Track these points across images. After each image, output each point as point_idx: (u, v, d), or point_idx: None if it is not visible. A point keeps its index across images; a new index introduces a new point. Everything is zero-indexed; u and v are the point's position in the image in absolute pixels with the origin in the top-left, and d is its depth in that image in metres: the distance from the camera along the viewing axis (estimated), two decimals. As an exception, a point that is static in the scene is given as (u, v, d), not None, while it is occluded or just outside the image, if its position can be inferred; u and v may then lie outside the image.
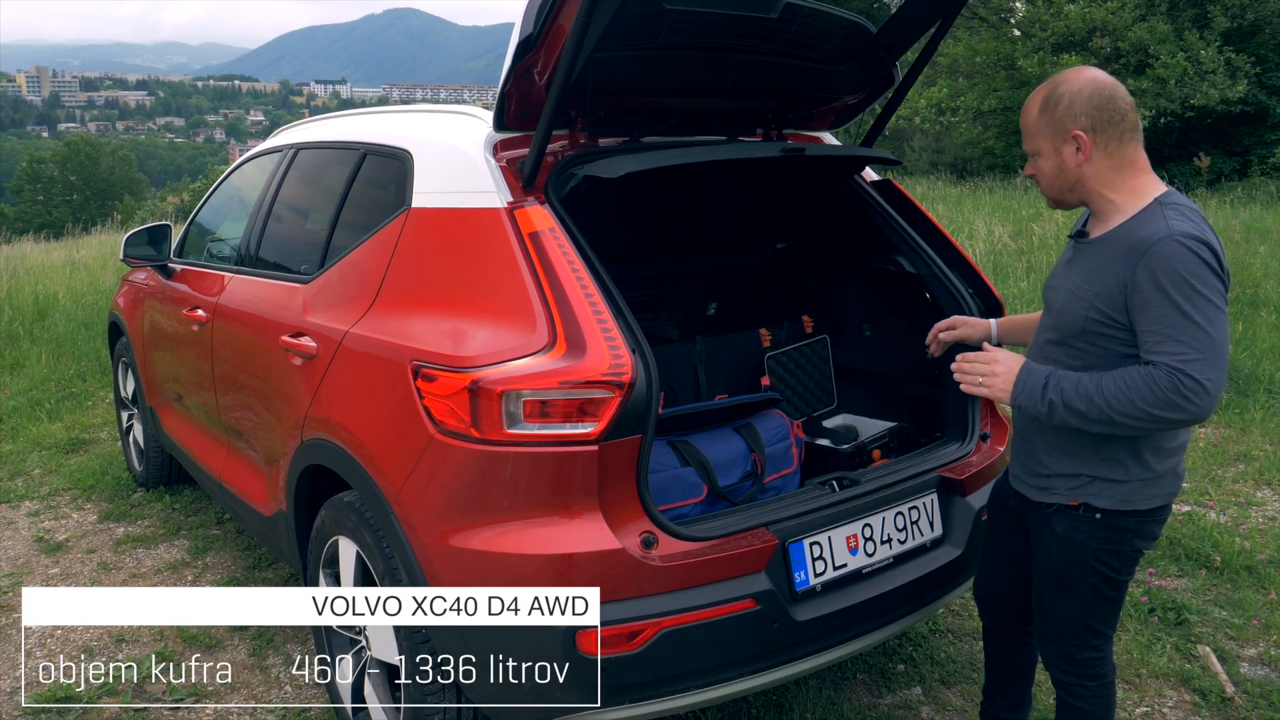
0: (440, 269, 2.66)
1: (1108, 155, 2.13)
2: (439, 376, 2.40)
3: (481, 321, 2.44)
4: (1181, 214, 2.07)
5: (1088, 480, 2.25)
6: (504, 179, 2.60)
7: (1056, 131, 2.15)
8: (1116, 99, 2.11)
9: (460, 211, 2.65)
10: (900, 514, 2.81)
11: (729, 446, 2.82)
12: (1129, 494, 2.23)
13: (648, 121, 2.98)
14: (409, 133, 3.09)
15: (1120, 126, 2.12)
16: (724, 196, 3.32)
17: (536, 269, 2.40)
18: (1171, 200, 2.11)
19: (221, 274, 4.00)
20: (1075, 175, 2.17)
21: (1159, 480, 2.24)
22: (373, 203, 3.11)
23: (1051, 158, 2.19)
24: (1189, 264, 1.99)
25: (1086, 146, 2.13)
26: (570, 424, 2.28)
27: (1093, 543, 2.27)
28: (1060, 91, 2.14)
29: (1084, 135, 2.12)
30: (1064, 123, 2.13)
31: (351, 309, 2.88)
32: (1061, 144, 2.15)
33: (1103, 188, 2.15)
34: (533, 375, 2.27)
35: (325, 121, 3.89)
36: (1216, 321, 1.98)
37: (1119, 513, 2.24)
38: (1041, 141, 2.19)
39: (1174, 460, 2.27)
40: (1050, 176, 2.22)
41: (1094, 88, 2.12)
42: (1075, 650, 2.40)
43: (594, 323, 2.32)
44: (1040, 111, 2.18)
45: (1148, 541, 2.32)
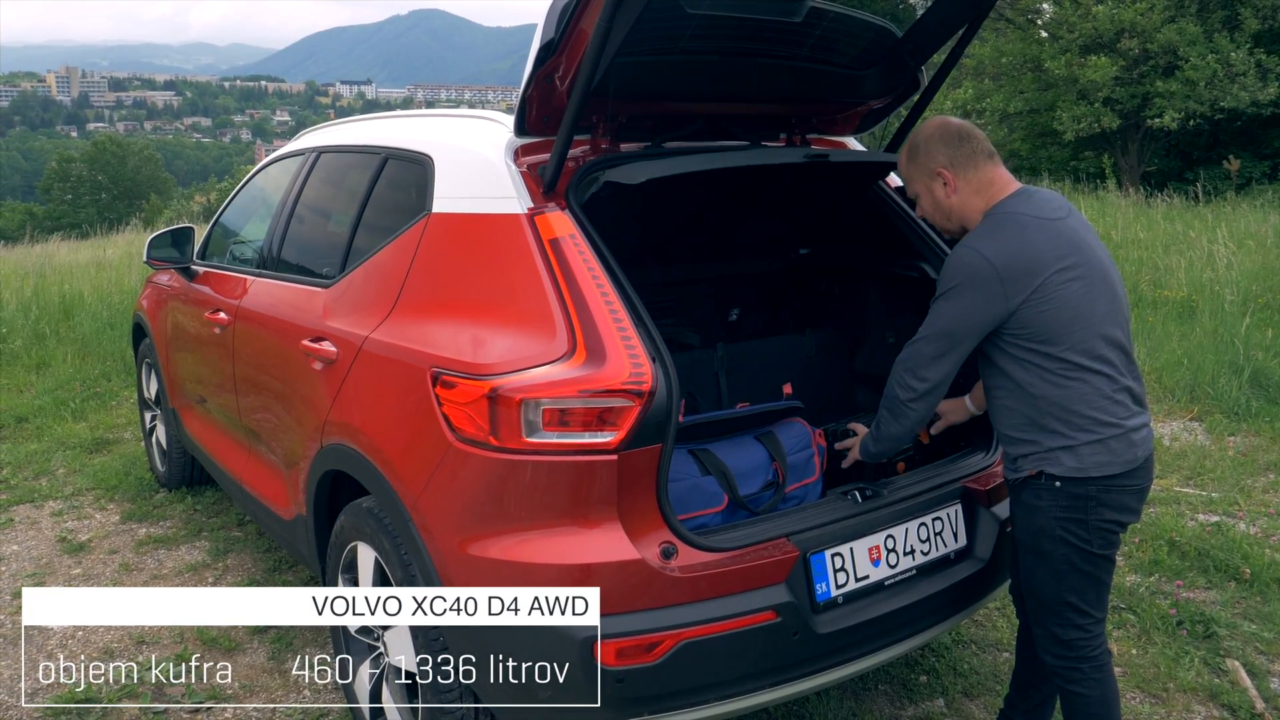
0: (460, 275, 2.65)
1: (969, 182, 2.51)
2: (458, 384, 2.38)
3: (501, 328, 2.43)
4: (985, 225, 2.45)
5: (1044, 450, 2.42)
6: (525, 184, 2.59)
7: (924, 172, 2.55)
8: (964, 133, 2.51)
9: (481, 217, 2.64)
10: (923, 525, 2.77)
11: (750, 455, 2.79)
12: (1080, 459, 2.38)
13: (669, 126, 2.95)
14: (430, 137, 3.08)
15: (975, 156, 2.50)
16: (746, 202, 3.29)
17: (556, 275, 2.38)
18: (992, 213, 2.47)
19: (244, 277, 4.01)
20: (948, 206, 2.54)
21: (1106, 444, 2.37)
22: (394, 207, 3.10)
23: (927, 196, 2.58)
24: (956, 270, 2.40)
25: (951, 180, 2.51)
26: (589, 433, 2.26)
27: (1055, 510, 2.42)
28: (917, 140, 2.55)
29: (946, 171, 2.51)
30: (928, 164, 2.53)
31: (372, 314, 2.88)
32: (931, 183, 2.55)
33: (972, 212, 2.50)
34: (552, 383, 2.25)
35: (347, 125, 3.89)
36: (956, 319, 2.38)
37: (1076, 479, 2.39)
38: (916, 185, 2.60)
39: (1115, 422, 2.38)
40: (931, 212, 2.61)
41: (942, 129, 2.53)
42: (1060, 629, 2.51)
43: (614, 330, 2.30)
44: (908, 161, 2.59)
45: (1120, 513, 2.42)
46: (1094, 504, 2.39)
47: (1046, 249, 2.38)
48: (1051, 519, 2.43)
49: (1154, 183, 22.10)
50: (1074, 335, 2.36)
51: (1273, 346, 7.27)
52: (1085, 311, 2.38)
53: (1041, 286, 2.35)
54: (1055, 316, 2.36)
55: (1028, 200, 2.47)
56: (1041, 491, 2.44)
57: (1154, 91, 22.16)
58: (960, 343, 2.42)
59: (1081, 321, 2.37)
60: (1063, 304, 2.36)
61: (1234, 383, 6.57)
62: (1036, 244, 2.38)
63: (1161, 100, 21.89)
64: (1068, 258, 2.39)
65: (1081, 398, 2.38)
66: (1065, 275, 2.37)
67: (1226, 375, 6.68)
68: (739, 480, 2.72)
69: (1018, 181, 2.56)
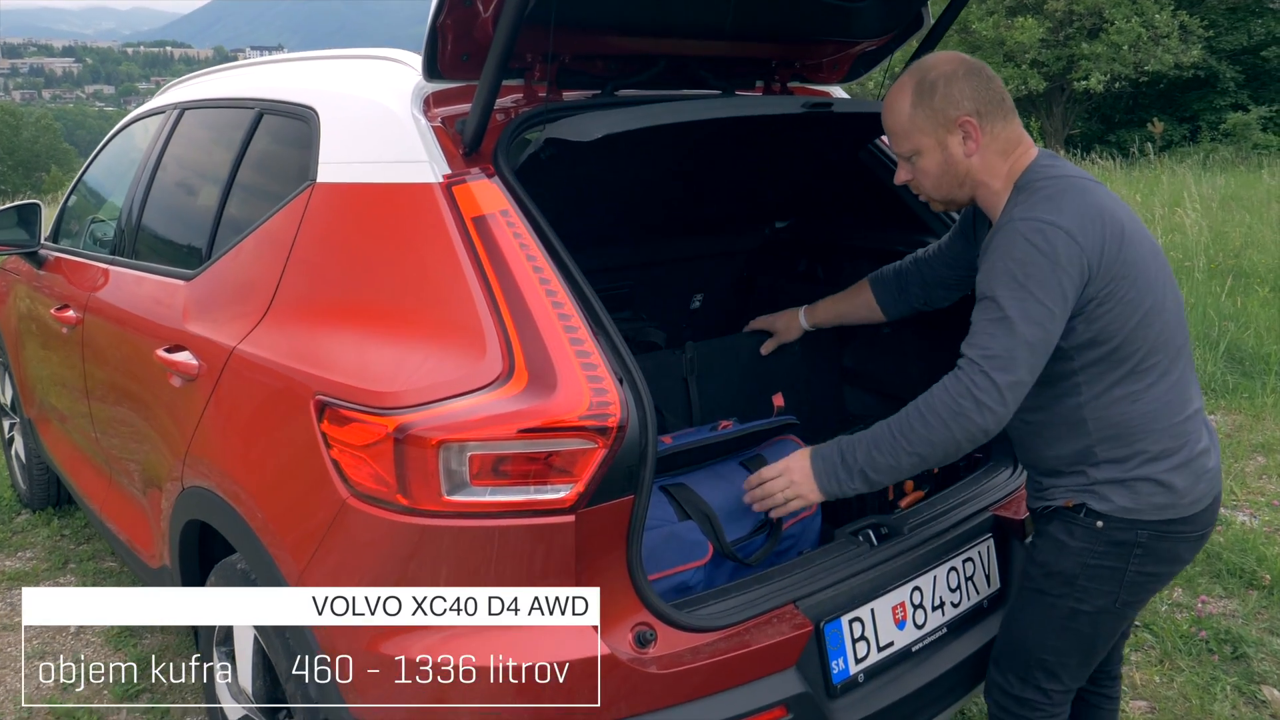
0: (353, 266, 1.99)
1: (996, 138, 1.92)
2: (352, 419, 1.74)
3: (410, 342, 1.78)
4: (1039, 193, 1.85)
5: (1090, 483, 1.90)
6: (438, 143, 1.94)
7: (939, 122, 1.91)
8: (992, 77, 1.93)
9: (380, 188, 1.99)
10: (953, 569, 2.22)
11: (735, 488, 2.20)
12: (1136, 497, 1.86)
13: (625, 69, 2.32)
14: (315, 85, 2.40)
15: (1004, 105, 1.93)
16: (717, 166, 2.68)
17: (484, 267, 1.75)
18: (1032, 178, 1.89)
19: (95, 265, 3.26)
20: (965, 168, 1.93)
21: (1171, 478, 1.86)
22: (269, 176, 2.43)
23: (936, 153, 1.94)
24: (1025, 248, 1.77)
25: (976, 133, 1.90)
26: (535, 487, 1.64)
27: (1089, 555, 1.91)
28: (933, 77, 1.91)
29: (972, 121, 1.90)
30: (947, 110, 1.90)
31: (241, 317, 2.20)
32: (946, 135, 1.92)
33: (990, 177, 1.94)
34: (482, 420, 1.63)
35: (217, 74, 3.16)
36: (1033, 318, 1.75)
37: (1125, 521, 1.88)
38: (921, 138, 1.94)
39: (1185, 449, 1.88)
40: (937, 175, 1.97)
41: (969, 67, 1.92)
42: (1017, 684, 2.04)
43: (565, 343, 1.67)
44: (915, 104, 1.92)
45: (1167, 565, 1.95)
46: (1139, 553, 1.90)
47: (1120, 223, 1.84)
48: (1079, 563, 1.92)
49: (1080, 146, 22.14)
50: (1148, 335, 1.84)
51: (1238, 316, 6.93)
52: (1157, 303, 1.86)
53: (1120, 273, 1.81)
54: (1131, 310, 1.83)
55: (1058, 161, 1.95)
56: (1076, 529, 1.92)
57: (1080, 54, 22.17)
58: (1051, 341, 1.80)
59: (1155, 317, 1.85)
60: (1137, 294, 1.83)
61: (1209, 358, 6.19)
62: (1109, 215, 1.83)
63: (1087, 63, 21.91)
64: (1134, 234, 1.87)
65: (1148, 417, 1.86)
66: (1134, 257, 1.84)
67: (1201, 350, 6.29)
68: (724, 522, 2.13)
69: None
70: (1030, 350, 1.75)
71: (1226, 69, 23.44)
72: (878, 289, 2.49)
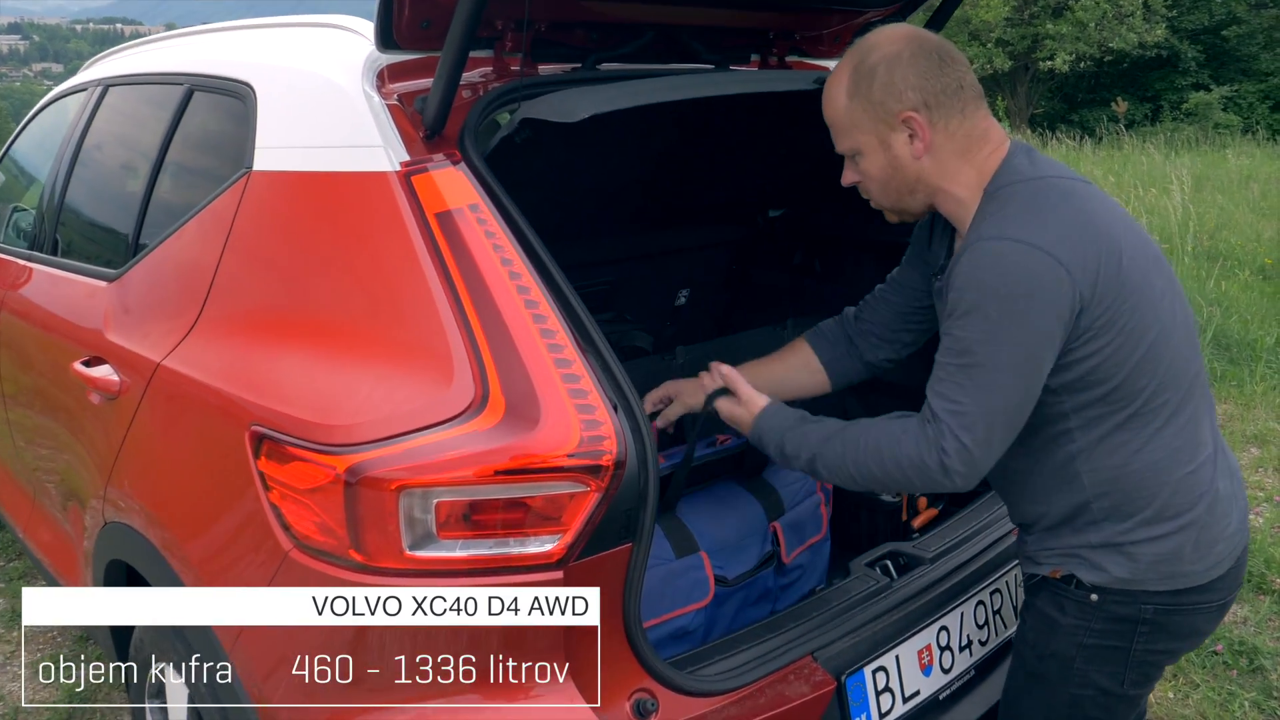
0: (294, 271, 1.70)
1: (953, 136, 1.52)
2: (295, 456, 1.45)
3: (363, 364, 1.50)
4: (1013, 202, 1.47)
5: (1080, 547, 1.55)
6: (394, 125, 1.66)
7: (878, 117, 1.53)
8: (951, 59, 1.52)
9: (325, 177, 1.70)
10: (981, 603, 1.99)
11: (740, 516, 1.95)
12: (1136, 566, 1.51)
13: (607, 40, 2.03)
14: (252, 57, 2.10)
15: (962, 94, 1.52)
16: (707, 149, 2.42)
17: (451, 273, 1.47)
18: (1004, 183, 1.50)
19: (13, 260, 2.93)
20: (914, 172, 1.55)
21: (1182, 540, 1.50)
22: (200, 162, 2.12)
23: (878, 154, 1.56)
24: (997, 277, 1.41)
25: (924, 130, 1.51)
26: (515, 539, 1.37)
27: (1083, 633, 1.57)
28: (874, 61, 1.52)
29: (917, 117, 1.50)
30: (887, 103, 1.51)
31: (169, 326, 1.90)
32: (889, 133, 1.53)
33: (948, 183, 1.54)
34: (450, 460, 1.36)
35: (145, 47, 2.82)
36: (1011, 366, 1.41)
37: (1125, 593, 1.53)
38: (860, 135, 1.56)
39: (1199, 502, 1.51)
40: (882, 181, 1.58)
41: (918, 48, 1.51)
42: None
43: (549, 364, 1.40)
44: (851, 94, 1.55)
45: (1182, 641, 1.62)
46: (1146, 630, 1.55)
47: (1115, 233, 1.47)
48: (1073, 644, 1.58)
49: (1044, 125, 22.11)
50: (1155, 370, 1.47)
51: (1220, 301, 6.79)
52: (1165, 330, 1.49)
53: (1119, 297, 1.44)
54: (1134, 341, 1.45)
55: (1036, 157, 1.56)
56: (1067, 603, 1.57)
57: (1045, 33, 22.10)
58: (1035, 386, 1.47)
59: (1163, 346, 1.48)
60: (1140, 321, 1.46)
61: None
62: (1102, 225, 1.47)
63: (1052, 42, 21.86)
64: (1133, 245, 1.50)
65: (1154, 469, 1.50)
66: (1135, 274, 1.47)
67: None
68: (728, 557, 1.88)
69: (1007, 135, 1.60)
70: (1007, 407, 1.43)
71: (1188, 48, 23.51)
72: (817, 344, 1.92)
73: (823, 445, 1.58)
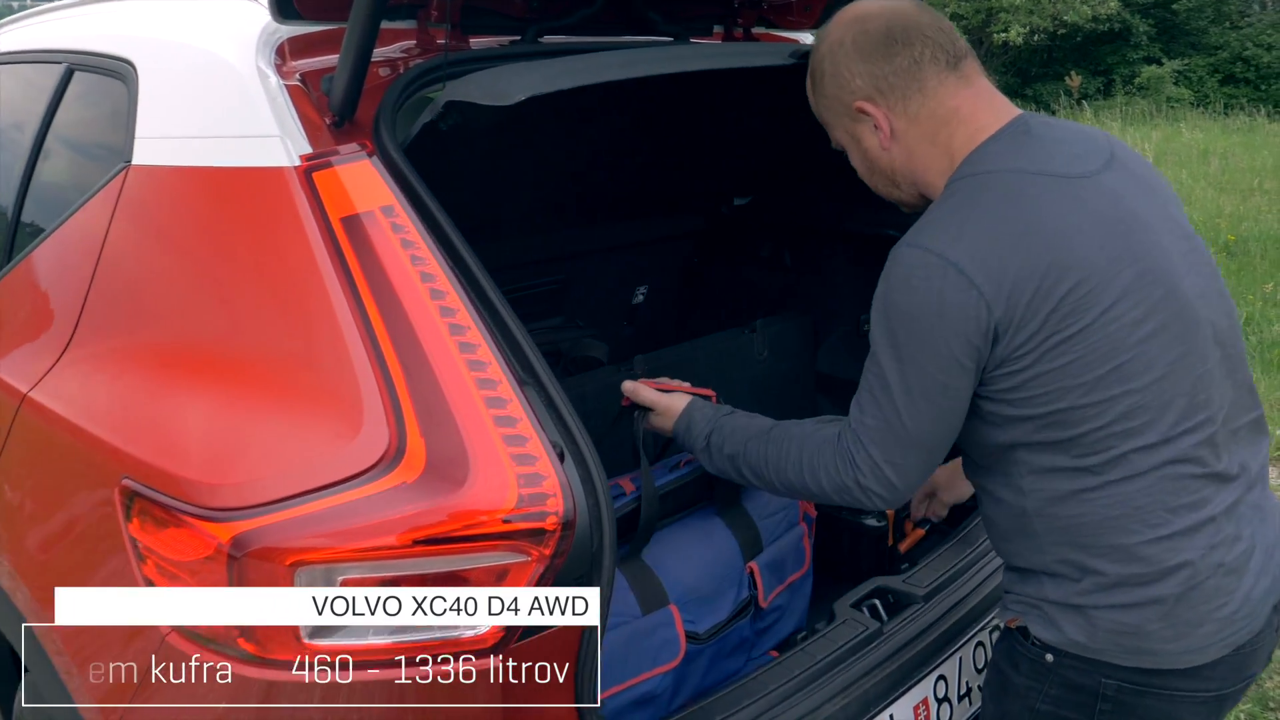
0: (174, 287, 1.43)
1: (913, 120, 1.35)
2: (170, 521, 1.19)
3: (252, 405, 1.24)
4: (949, 200, 1.28)
5: (1035, 598, 1.32)
6: (294, 110, 1.39)
7: (839, 111, 1.41)
8: (894, 30, 1.33)
9: (212, 174, 1.42)
10: (980, 644, 1.77)
11: (712, 554, 1.70)
12: (1093, 630, 1.26)
13: (551, 8, 1.76)
14: (136, 30, 1.80)
15: (918, 70, 1.33)
16: (664, 132, 2.16)
17: (360, 292, 1.21)
18: (962, 173, 1.30)
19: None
20: (888, 165, 1.40)
21: (1152, 609, 1.23)
22: (78, 155, 1.83)
23: (854, 148, 1.44)
24: (898, 290, 1.25)
25: (881, 119, 1.36)
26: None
27: (1035, 696, 1.33)
28: (821, 53, 1.40)
29: (869, 105, 1.36)
30: (840, 96, 1.39)
31: (37, 350, 1.61)
32: (854, 125, 1.40)
33: (926, 173, 1.37)
34: (359, 527, 1.10)
35: (26, 21, 2.49)
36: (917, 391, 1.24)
37: (1080, 660, 1.28)
38: (835, 132, 1.45)
39: (1181, 564, 1.23)
40: (867, 174, 1.46)
41: (860, 29, 1.36)
42: None
43: (480, 405, 1.15)
44: (813, 91, 1.45)
45: None
46: (1108, 709, 1.29)
47: (1072, 237, 1.22)
48: (1025, 707, 1.35)
49: (999, 100, 22.09)
50: (1106, 407, 1.22)
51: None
52: (1145, 360, 1.22)
53: (1060, 322, 1.20)
54: (1078, 370, 1.21)
55: (1026, 142, 1.31)
56: (1021, 660, 1.34)
57: (998, 6, 22.01)
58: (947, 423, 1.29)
59: (1128, 380, 1.22)
60: (1090, 348, 1.20)
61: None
62: (1051, 237, 1.22)
63: (1006, 15, 21.77)
64: (1114, 259, 1.23)
65: (1107, 527, 1.25)
66: (1103, 293, 1.21)
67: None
68: (700, 608, 1.64)
69: (1013, 106, 1.37)
70: (917, 434, 1.26)
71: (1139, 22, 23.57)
72: None
73: (745, 445, 1.44)
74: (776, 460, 1.39)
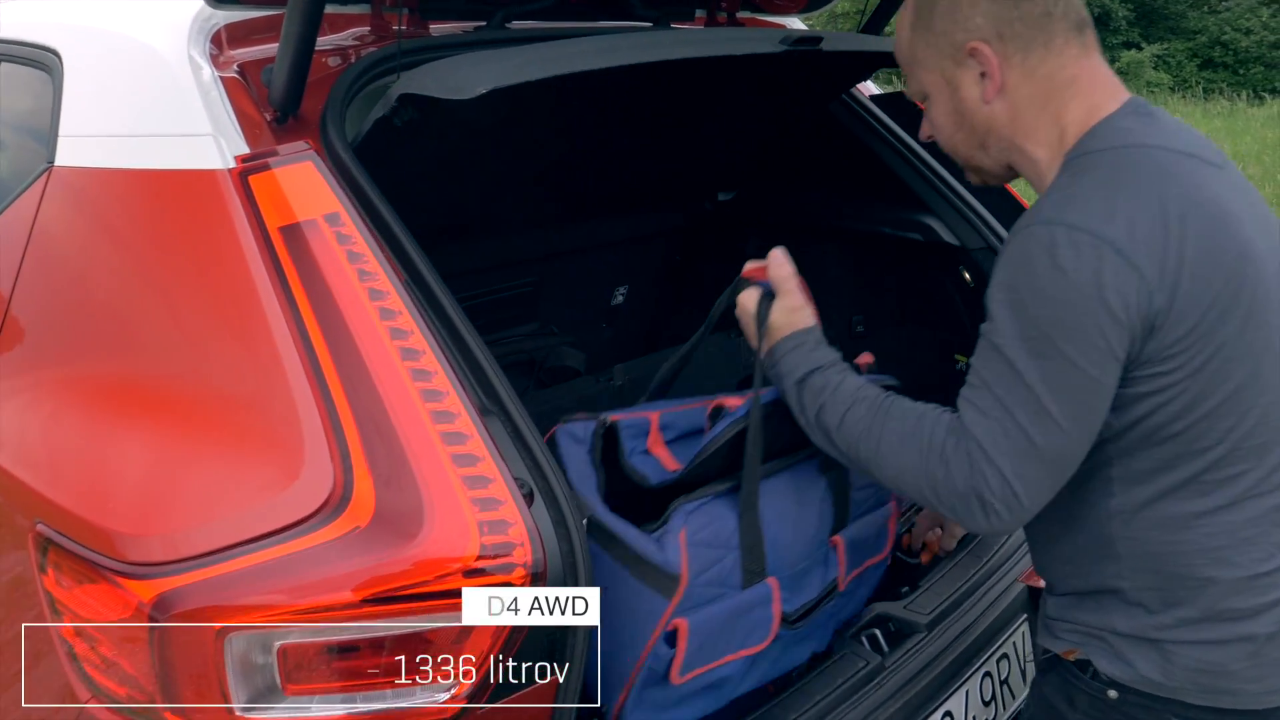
0: (99, 305, 1.28)
1: (1029, 76, 1.18)
2: (90, 577, 1.04)
3: (182, 440, 1.10)
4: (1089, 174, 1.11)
5: (1102, 631, 1.20)
6: (230, 106, 1.25)
7: (943, 51, 1.23)
8: None
9: (139, 177, 1.27)
10: (988, 674, 1.65)
11: (809, 520, 1.48)
12: (1169, 667, 1.15)
13: (518, -9, 1.62)
14: (65, 16, 1.65)
15: (1047, 28, 1.17)
16: (643, 124, 2.02)
17: (301, 313, 1.07)
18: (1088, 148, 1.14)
19: None
20: (984, 120, 1.22)
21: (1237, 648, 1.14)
22: (3, 156, 1.67)
23: (944, 96, 1.25)
24: (1042, 274, 1.06)
25: (994, 67, 1.18)
26: (394, 691, 0.99)
27: None
28: None
29: (985, 48, 1.18)
30: (951, 33, 1.21)
31: (-46, 371, 1.46)
32: (956, 70, 1.22)
33: (1024, 139, 1.21)
34: (300, 585, 0.96)
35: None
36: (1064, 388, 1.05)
37: (1148, 698, 1.17)
38: (925, 74, 1.26)
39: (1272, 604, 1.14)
40: (949, 130, 1.27)
41: None
42: None
43: (435, 443, 1.02)
44: (913, 26, 1.26)
45: None
46: None
47: (1234, 225, 1.10)
48: None
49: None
50: (1230, 424, 1.11)
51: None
52: (1254, 375, 1.12)
53: (1212, 318, 1.07)
54: (1210, 381, 1.09)
55: (1154, 123, 1.17)
56: (1078, 695, 1.22)
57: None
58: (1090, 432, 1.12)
59: (1249, 394, 1.12)
60: (1226, 358, 1.09)
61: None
62: (1213, 213, 1.09)
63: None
64: (1265, 252, 1.13)
65: (1208, 556, 1.14)
66: (1246, 287, 1.10)
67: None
68: (794, 585, 1.44)
69: (1126, 89, 1.23)
70: (1058, 443, 1.08)
71: (1119, 7, 23.60)
72: None
73: (850, 406, 1.21)
74: (889, 436, 1.17)
